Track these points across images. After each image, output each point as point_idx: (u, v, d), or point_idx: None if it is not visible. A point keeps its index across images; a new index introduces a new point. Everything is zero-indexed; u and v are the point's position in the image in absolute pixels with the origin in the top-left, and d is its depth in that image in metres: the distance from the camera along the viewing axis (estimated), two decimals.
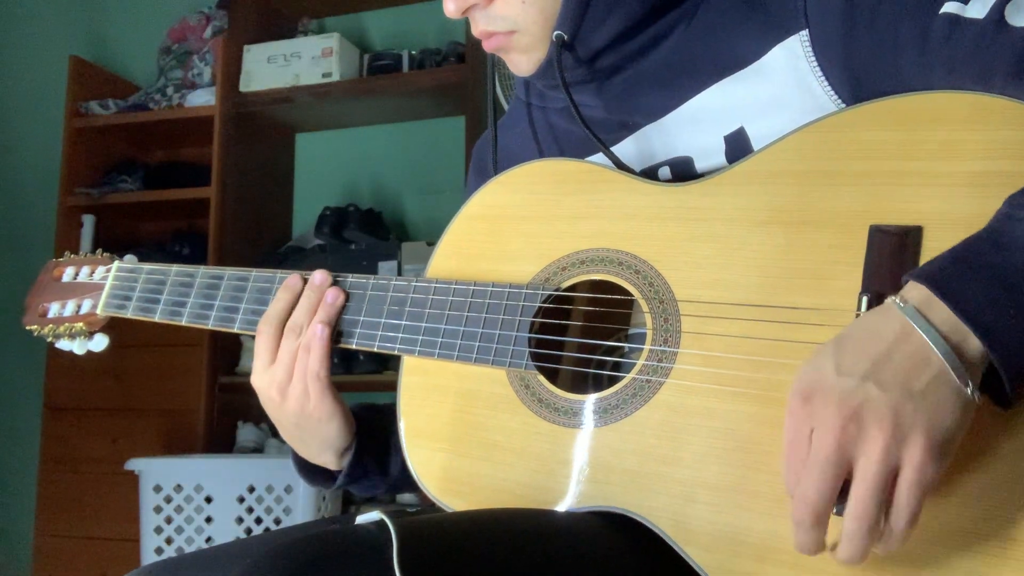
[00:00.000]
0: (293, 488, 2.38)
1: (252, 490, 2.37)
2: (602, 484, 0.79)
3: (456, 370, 0.89)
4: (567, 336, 0.89)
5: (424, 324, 0.91)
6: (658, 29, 0.89)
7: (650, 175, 0.89)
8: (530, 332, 0.86)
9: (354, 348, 0.94)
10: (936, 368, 0.61)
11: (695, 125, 0.88)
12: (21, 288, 1.22)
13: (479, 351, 0.87)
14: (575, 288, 0.86)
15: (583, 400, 0.82)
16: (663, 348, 0.79)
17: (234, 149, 2.93)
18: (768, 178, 0.78)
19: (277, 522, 2.37)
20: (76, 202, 2.99)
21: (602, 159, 0.90)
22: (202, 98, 2.96)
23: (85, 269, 1.14)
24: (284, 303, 0.95)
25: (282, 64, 2.91)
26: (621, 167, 0.88)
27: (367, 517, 0.69)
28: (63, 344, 1.13)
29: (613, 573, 0.76)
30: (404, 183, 3.07)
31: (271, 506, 2.38)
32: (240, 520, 2.37)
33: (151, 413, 2.79)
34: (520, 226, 0.90)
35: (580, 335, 0.90)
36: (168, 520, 2.38)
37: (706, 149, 0.87)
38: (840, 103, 0.80)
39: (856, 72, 0.79)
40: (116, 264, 1.11)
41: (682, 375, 0.78)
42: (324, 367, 0.92)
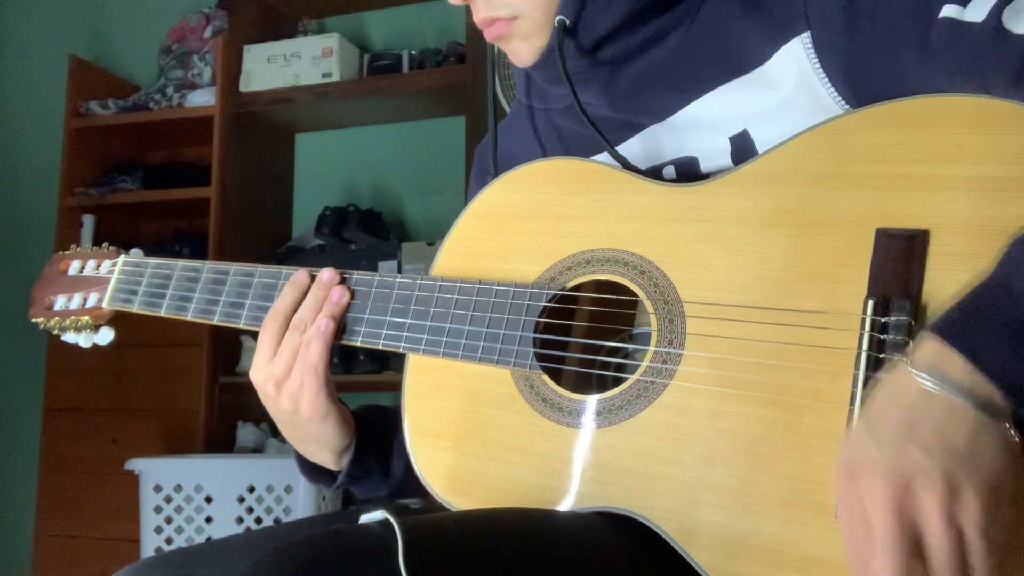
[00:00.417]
0: (293, 488, 2.38)
1: (252, 490, 2.37)
2: (605, 485, 0.79)
3: (461, 369, 0.89)
4: (572, 336, 0.89)
5: (429, 323, 0.91)
6: (661, 24, 0.88)
7: (655, 175, 0.89)
8: (535, 332, 0.86)
9: (359, 345, 0.94)
10: (971, 418, 0.60)
11: (701, 127, 0.88)
12: (21, 288, 1.22)
13: (484, 350, 0.87)
14: (580, 288, 0.86)
15: (587, 400, 0.82)
16: (668, 349, 0.79)
17: (234, 149, 2.92)
18: (775, 180, 0.78)
19: (277, 522, 2.37)
20: (76, 202, 2.99)
21: (607, 158, 0.90)
22: (202, 98, 2.95)
23: (91, 262, 1.14)
24: (290, 299, 0.95)
25: (282, 64, 2.91)
26: (627, 167, 0.87)
27: (371, 516, 0.68)
28: (69, 337, 1.13)
29: (616, 574, 0.76)
30: (404, 183, 3.07)
31: (271, 506, 2.38)
32: (240, 520, 2.37)
33: (151, 413, 2.78)
34: (526, 225, 0.90)
35: (585, 335, 0.90)
36: (168, 520, 2.38)
37: (711, 150, 0.87)
38: (844, 105, 0.80)
39: (858, 74, 0.79)
40: (122, 258, 1.11)
41: (687, 377, 0.77)
42: (323, 361, 0.92)
